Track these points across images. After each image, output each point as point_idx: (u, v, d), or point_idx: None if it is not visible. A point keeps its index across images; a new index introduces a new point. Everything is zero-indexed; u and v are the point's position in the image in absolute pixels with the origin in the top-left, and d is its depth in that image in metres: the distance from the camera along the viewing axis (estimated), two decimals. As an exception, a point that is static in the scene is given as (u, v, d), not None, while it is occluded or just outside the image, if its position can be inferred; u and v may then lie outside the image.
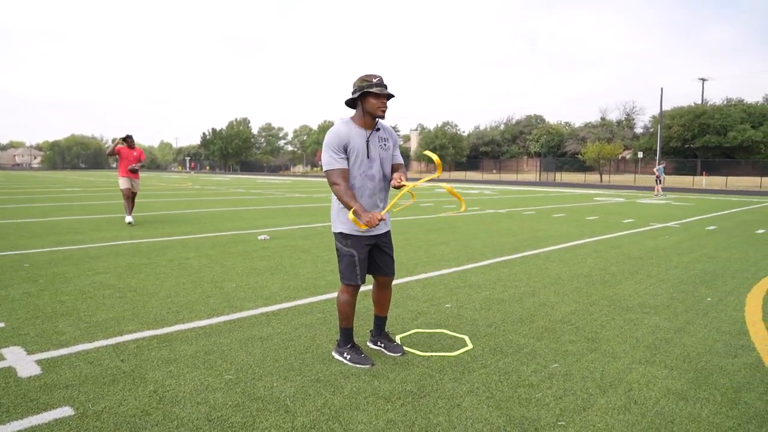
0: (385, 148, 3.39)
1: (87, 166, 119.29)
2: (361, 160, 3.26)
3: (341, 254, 3.40)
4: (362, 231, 3.29)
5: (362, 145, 3.26)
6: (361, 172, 3.28)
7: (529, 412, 2.75)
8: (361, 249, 3.35)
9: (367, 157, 3.28)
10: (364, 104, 3.23)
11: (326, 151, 3.24)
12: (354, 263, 3.35)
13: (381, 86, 3.20)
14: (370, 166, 3.30)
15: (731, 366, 3.42)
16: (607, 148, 50.70)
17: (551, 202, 18.97)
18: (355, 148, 3.24)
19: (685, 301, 4.98)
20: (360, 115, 3.29)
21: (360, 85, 3.21)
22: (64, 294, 4.93)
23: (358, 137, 3.26)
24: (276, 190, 25.95)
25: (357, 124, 3.30)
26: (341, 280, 3.42)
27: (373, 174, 3.32)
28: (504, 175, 61.90)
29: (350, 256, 3.35)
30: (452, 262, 6.75)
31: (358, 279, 3.37)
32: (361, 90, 3.19)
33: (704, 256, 7.52)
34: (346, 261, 3.37)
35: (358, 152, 3.25)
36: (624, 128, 70.31)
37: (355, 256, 3.34)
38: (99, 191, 23.27)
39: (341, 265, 3.41)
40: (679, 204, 18.98)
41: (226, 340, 3.74)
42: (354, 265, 3.35)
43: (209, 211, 13.73)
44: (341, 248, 3.40)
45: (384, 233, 3.48)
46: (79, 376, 3.11)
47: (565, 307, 4.72)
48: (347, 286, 3.40)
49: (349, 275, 3.37)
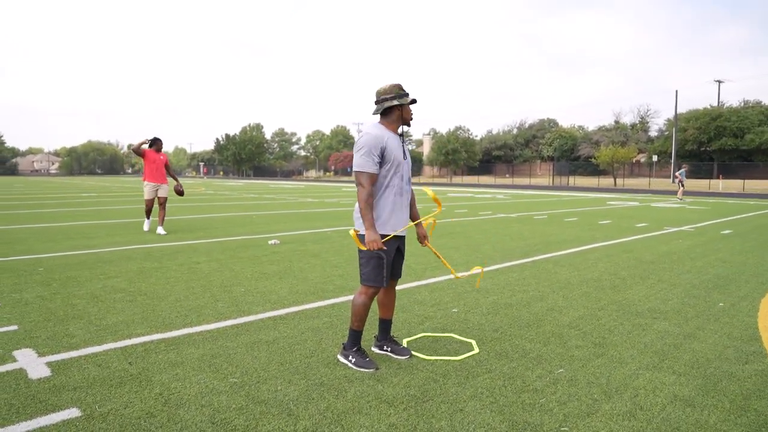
0: (407, 151, 3.60)
1: (103, 171, 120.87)
2: (398, 161, 3.42)
3: (368, 256, 3.39)
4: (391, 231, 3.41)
5: (398, 147, 3.44)
6: (395, 172, 3.42)
7: (532, 418, 2.73)
8: (390, 251, 3.41)
9: (404, 158, 3.48)
10: (404, 111, 3.47)
11: (362, 153, 3.31)
12: (382, 265, 3.38)
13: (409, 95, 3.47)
14: (402, 166, 3.47)
15: (742, 372, 3.37)
16: (621, 152, 50.27)
17: (564, 207, 18.84)
18: (392, 149, 3.39)
19: (697, 306, 4.93)
20: (392, 121, 3.47)
21: (400, 93, 3.42)
22: (76, 297, 5.00)
23: (393, 140, 3.44)
24: (288, 195, 26.08)
25: (389, 130, 3.46)
26: (364, 282, 3.41)
27: (403, 174, 3.48)
28: (517, 180, 61.64)
29: (379, 258, 3.37)
30: (461, 267, 6.73)
31: (383, 281, 3.40)
32: (401, 98, 3.42)
33: (718, 260, 7.43)
34: (374, 263, 3.37)
35: (395, 154, 3.40)
36: (638, 131, 69.69)
37: (383, 258, 3.37)
38: (114, 197, 23.57)
39: (366, 267, 3.40)
40: (695, 208, 18.75)
41: (232, 344, 3.77)
42: (382, 267, 3.38)
43: (221, 216, 13.84)
44: (366, 250, 3.39)
45: (403, 236, 3.58)
46: (87, 378, 3.15)
47: (573, 312, 4.69)
48: (369, 288, 3.41)
49: (374, 277, 3.38)
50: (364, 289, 3.42)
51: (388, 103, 3.40)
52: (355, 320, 3.44)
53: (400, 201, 3.46)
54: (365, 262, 3.40)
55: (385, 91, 3.41)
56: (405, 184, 3.50)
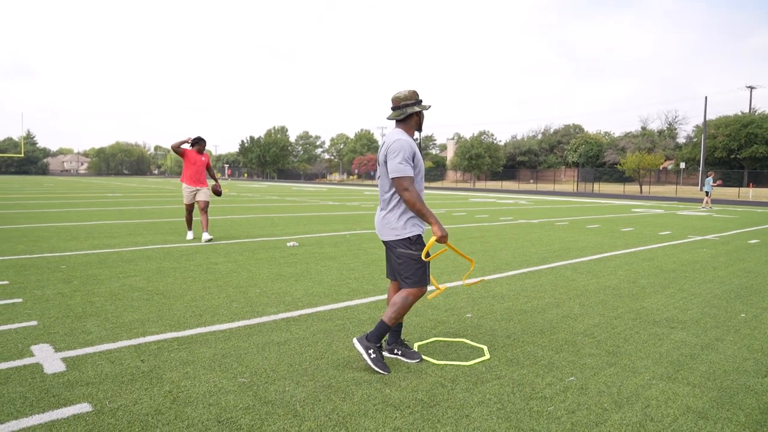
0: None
1: (130, 172, 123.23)
2: (421, 166, 3.52)
3: (409, 259, 3.43)
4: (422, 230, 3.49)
5: (418, 152, 3.53)
6: (420, 178, 3.53)
7: (539, 426, 2.69)
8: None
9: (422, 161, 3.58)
10: (420, 118, 3.57)
11: (399, 159, 3.34)
12: (425, 266, 3.45)
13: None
14: (420, 170, 3.55)
15: (760, 386, 3.28)
16: (648, 159, 49.37)
17: (586, 213, 18.59)
18: (419, 156, 3.50)
19: (717, 317, 4.81)
20: (411, 126, 3.56)
21: (418, 100, 3.52)
22: (95, 295, 5.10)
23: (415, 145, 3.52)
24: (310, 198, 26.24)
25: (411, 135, 3.55)
26: (413, 285, 3.43)
27: (421, 177, 3.57)
28: (541, 185, 61.05)
29: (419, 260, 3.43)
30: (478, 272, 6.68)
31: (428, 280, 3.49)
32: (420, 104, 3.51)
33: (742, 270, 7.24)
34: (417, 264, 3.43)
35: (420, 160, 3.51)
36: (665, 138, 68.41)
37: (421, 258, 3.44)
38: (139, 197, 24.02)
39: (409, 271, 3.42)
40: (722, 216, 18.31)
41: (244, 344, 3.80)
42: (425, 268, 3.45)
43: (243, 218, 13.99)
44: (410, 253, 3.43)
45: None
46: (100, 374, 3.21)
47: (589, 320, 4.62)
48: (418, 290, 3.44)
49: (420, 278, 3.44)
50: (414, 291, 3.44)
51: (410, 109, 3.48)
52: (394, 317, 3.43)
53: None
54: (408, 266, 3.43)
55: (406, 97, 3.49)
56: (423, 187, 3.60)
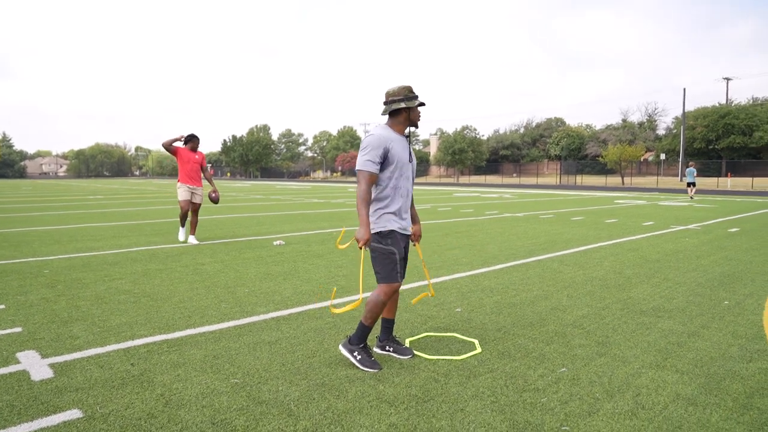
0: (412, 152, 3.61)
1: (110, 174, 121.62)
2: (403, 163, 3.44)
3: (379, 253, 3.41)
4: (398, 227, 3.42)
5: (403, 149, 3.46)
6: (400, 174, 3.44)
7: (533, 417, 2.72)
8: (399, 247, 3.42)
9: (410, 160, 3.51)
10: (411, 113, 3.48)
11: (365, 152, 3.34)
12: (395, 261, 3.40)
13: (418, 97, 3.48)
14: (408, 168, 3.49)
15: (745, 371, 3.34)
16: (629, 150, 50.02)
17: (570, 206, 18.76)
18: (397, 152, 3.40)
19: (701, 305, 4.89)
20: (399, 122, 3.48)
21: (409, 95, 3.44)
22: (81, 299, 5.03)
23: (399, 142, 3.45)
24: (294, 196, 26.13)
25: (395, 131, 3.47)
26: (380, 281, 3.42)
27: (409, 175, 3.53)
28: (524, 179, 61.47)
29: (390, 254, 3.39)
30: (465, 266, 6.72)
31: (398, 277, 3.42)
32: (410, 100, 3.43)
33: (724, 258, 7.37)
34: (386, 260, 3.39)
35: (399, 156, 3.41)
36: (646, 130, 69.29)
37: (395, 253, 3.39)
38: (121, 199, 23.71)
39: (379, 266, 3.41)
40: (702, 206, 18.61)
41: (235, 345, 3.78)
42: (395, 263, 3.40)
43: (228, 217, 13.88)
44: (380, 247, 3.40)
45: (408, 236, 3.57)
46: (89, 379, 3.17)
47: (577, 311, 4.67)
48: (387, 286, 3.41)
49: (389, 274, 3.40)
50: (383, 287, 3.42)
51: (395, 105, 3.43)
52: (369, 317, 3.43)
53: (406, 203, 3.50)
54: (377, 261, 3.42)
55: (394, 92, 3.44)
56: (410, 185, 3.54)
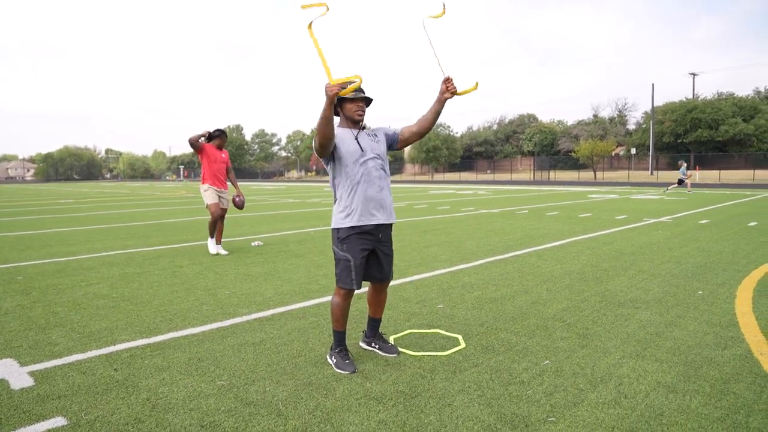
0: (376, 141, 3.49)
1: (81, 177, 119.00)
2: (359, 154, 3.35)
3: (336, 257, 3.42)
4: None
5: (350, 141, 3.37)
6: (359, 164, 3.36)
7: (520, 409, 2.77)
8: (356, 254, 3.35)
9: (361, 149, 3.37)
10: (343, 110, 3.40)
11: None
12: (349, 268, 3.35)
13: (355, 90, 3.28)
14: (363, 156, 3.37)
15: (721, 358, 3.45)
16: (600, 146, 50.94)
17: (545, 201, 19.03)
18: (346, 145, 3.34)
19: (677, 295, 5.02)
20: (343, 119, 3.44)
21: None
22: (57, 305, 4.92)
23: (347, 135, 3.39)
24: (270, 196, 25.94)
25: (343, 127, 3.45)
26: (336, 282, 3.42)
27: (365, 161, 3.38)
28: (498, 175, 62.06)
29: (345, 260, 3.36)
30: (445, 263, 6.77)
31: (353, 284, 3.36)
32: (340, 99, 3.32)
33: (696, 249, 7.57)
34: (342, 265, 3.38)
35: (350, 148, 3.35)
36: (616, 125, 70.56)
37: (350, 261, 3.35)
38: (92, 202, 23.23)
39: (337, 268, 3.41)
40: (673, 199, 19.07)
41: (219, 347, 3.75)
42: (349, 270, 3.35)
43: (203, 219, 13.71)
44: (337, 252, 3.40)
45: (384, 231, 3.46)
46: (71, 386, 3.11)
47: (557, 305, 4.75)
48: (341, 289, 3.40)
49: (344, 279, 3.37)
50: (337, 289, 3.43)
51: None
52: (333, 321, 3.45)
53: (369, 190, 3.35)
54: (336, 263, 3.42)
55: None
56: (374, 171, 3.37)
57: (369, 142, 3.44)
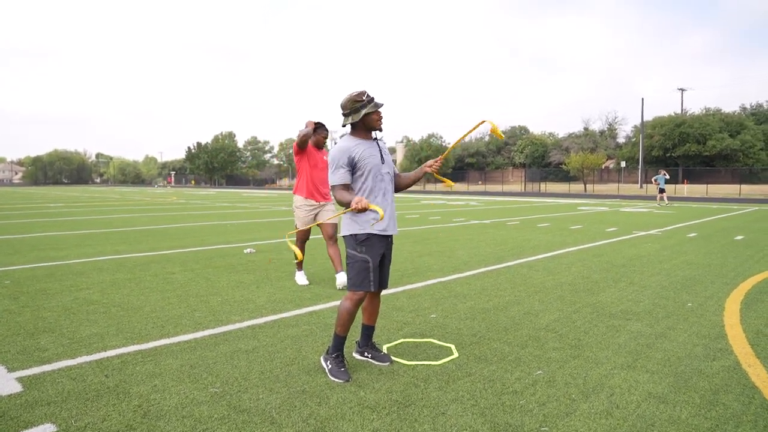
0: (387, 154, 3.58)
1: (69, 181, 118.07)
2: (373, 164, 3.40)
3: (353, 260, 3.41)
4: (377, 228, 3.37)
5: (371, 151, 3.42)
6: (374, 175, 3.41)
7: (513, 419, 2.78)
8: (375, 255, 3.40)
9: (382, 161, 3.45)
10: (365, 122, 3.43)
11: (332, 168, 3.35)
12: (368, 269, 3.38)
13: (372, 101, 3.41)
14: (380, 169, 3.44)
15: (710, 369, 3.48)
16: (591, 158, 51.34)
17: (536, 212, 19.14)
18: (364, 155, 3.38)
19: (667, 307, 5.07)
20: (360, 130, 3.46)
21: (355, 107, 3.37)
22: (47, 310, 4.88)
23: (365, 146, 3.42)
24: (262, 204, 25.88)
25: (359, 138, 3.45)
26: (349, 287, 3.42)
27: (384, 175, 3.46)
28: (489, 186, 62.33)
29: (364, 261, 3.38)
30: (437, 273, 6.79)
31: (370, 285, 3.39)
32: (357, 111, 3.37)
33: (685, 262, 7.65)
34: (359, 267, 3.38)
35: (367, 158, 3.38)
36: (607, 138, 71.28)
37: (369, 262, 3.38)
38: (83, 207, 23.05)
39: (351, 272, 3.41)
40: (661, 212, 19.25)
41: (211, 354, 3.73)
42: (368, 272, 3.38)
43: (194, 225, 13.66)
44: (354, 254, 3.40)
45: (390, 240, 3.55)
46: (61, 392, 3.08)
47: (549, 315, 4.78)
48: (355, 293, 3.41)
49: (360, 282, 3.38)
50: (350, 294, 3.42)
51: (346, 120, 3.41)
52: (338, 325, 3.44)
53: (383, 202, 3.44)
54: (350, 266, 3.42)
55: (343, 106, 3.41)
56: (388, 184, 3.49)
57: (386, 155, 3.54)
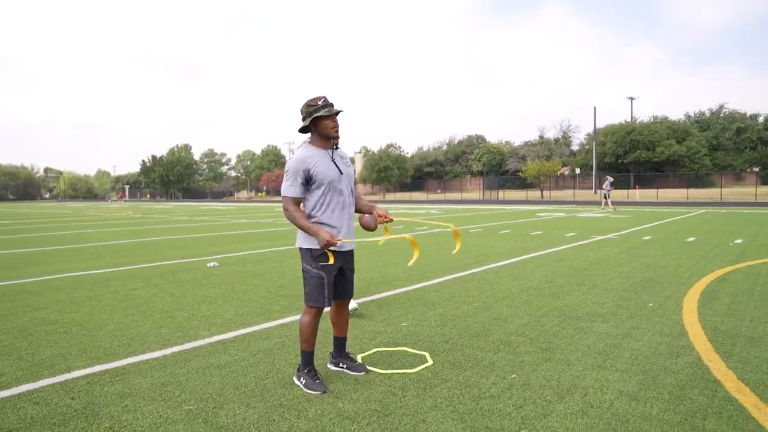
0: (348, 165, 3.50)
1: (16, 197, 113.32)
2: (331, 177, 3.31)
3: (309, 275, 3.35)
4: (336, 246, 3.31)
5: (328, 164, 3.32)
6: (330, 190, 3.33)
7: (492, 423, 2.81)
8: (330, 272, 3.34)
9: (340, 172, 3.36)
10: (318, 127, 3.33)
11: (286, 177, 3.30)
12: (322, 285, 3.32)
13: (328, 106, 3.30)
14: (339, 181, 3.36)
15: (675, 366, 3.62)
16: (546, 166, 52.65)
17: (496, 220, 19.47)
18: (321, 168, 3.28)
19: (630, 308, 5.23)
20: (317, 138, 3.37)
21: (308, 111, 3.30)
22: (1, 333, 4.66)
23: (322, 157, 3.32)
24: (221, 217, 25.44)
25: (317, 146, 3.36)
26: (306, 302, 3.38)
27: (342, 189, 3.38)
28: (449, 195, 63.05)
29: (319, 278, 3.32)
30: (405, 282, 6.82)
31: (325, 301, 3.33)
32: (310, 116, 3.29)
33: (643, 264, 7.92)
34: (314, 283, 3.33)
35: (324, 171, 3.29)
36: (561, 146, 73.20)
37: (324, 278, 3.32)
38: (31, 223, 22.11)
39: (307, 287, 3.36)
40: (617, 216, 19.89)
41: (182, 370, 3.64)
42: (322, 288, 3.32)
43: (155, 240, 13.30)
44: (309, 269, 3.35)
45: (349, 253, 3.51)
46: (24, 418, 2.94)
47: (518, 320, 4.86)
48: (311, 308, 3.37)
49: (315, 297, 3.33)
50: (306, 308, 3.39)
51: (303, 123, 3.33)
52: (303, 341, 3.40)
53: (341, 217, 3.38)
54: (306, 282, 3.37)
55: (301, 111, 3.35)
56: (347, 197, 3.42)
57: (344, 165, 3.44)
